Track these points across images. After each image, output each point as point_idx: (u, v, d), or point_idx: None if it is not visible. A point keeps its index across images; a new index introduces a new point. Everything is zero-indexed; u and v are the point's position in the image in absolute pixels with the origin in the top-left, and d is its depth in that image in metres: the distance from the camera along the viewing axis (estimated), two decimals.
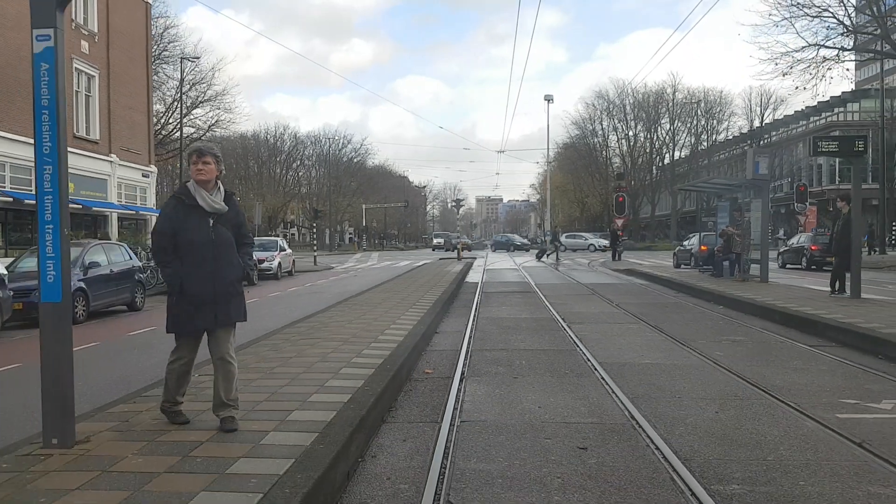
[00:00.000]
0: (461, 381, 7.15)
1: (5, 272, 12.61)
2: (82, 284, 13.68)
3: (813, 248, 25.82)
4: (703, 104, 69.56)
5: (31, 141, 15.33)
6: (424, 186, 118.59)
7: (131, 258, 16.16)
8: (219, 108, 54.13)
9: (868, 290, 15.56)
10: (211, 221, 4.74)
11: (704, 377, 7.24)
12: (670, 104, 70.81)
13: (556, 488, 4.12)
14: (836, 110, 63.33)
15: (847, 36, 30.32)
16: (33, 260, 15.00)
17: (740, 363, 7.90)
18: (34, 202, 16.76)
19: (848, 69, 33.88)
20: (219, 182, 4.86)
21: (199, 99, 51.75)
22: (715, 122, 70.85)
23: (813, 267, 25.56)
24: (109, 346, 10.47)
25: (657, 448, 4.84)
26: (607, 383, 6.89)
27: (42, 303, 4.13)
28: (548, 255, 38.20)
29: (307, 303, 15.88)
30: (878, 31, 30.26)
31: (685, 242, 29.07)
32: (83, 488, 3.54)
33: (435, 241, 77.84)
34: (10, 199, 23.59)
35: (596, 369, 7.61)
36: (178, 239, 4.69)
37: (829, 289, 14.01)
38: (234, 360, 4.81)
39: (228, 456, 4.01)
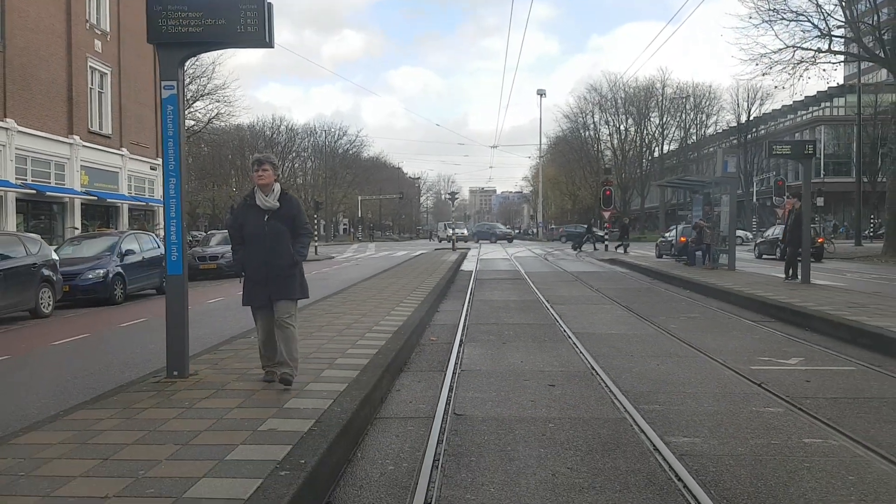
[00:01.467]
0: (460, 345, 8.85)
1: (57, 258, 14.23)
2: (120, 270, 15.35)
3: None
4: (691, 99, 71.48)
5: (51, 136, 17.84)
6: (419, 178, 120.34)
7: (159, 247, 17.78)
8: (218, 101, 55.67)
9: (826, 278, 17.39)
10: (266, 217, 5.68)
11: (655, 342, 8.99)
12: (660, 98, 72.65)
13: (529, 405, 5.87)
14: (822, 105, 64.97)
15: (822, 39, 32.08)
16: (71, 248, 16.68)
17: (688, 333, 9.64)
18: (55, 195, 18.89)
19: (824, 69, 35.65)
20: (276, 184, 5.78)
21: (200, 92, 53.25)
22: (703, 116, 72.76)
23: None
24: (157, 322, 12.08)
25: (607, 385, 6.57)
26: (577, 346, 8.63)
27: (168, 275, 5.84)
28: (582, 248, 38.57)
29: (318, 287, 17.50)
30: (852, 34, 31.94)
31: (666, 234, 30.89)
32: (209, 398, 5.26)
33: (448, 231, 59.10)
34: (34, 192, 25.14)
35: (570, 337, 9.35)
36: (243, 231, 5.77)
37: (783, 275, 15.80)
38: (290, 325, 5.72)
39: (302, 382, 5.76)
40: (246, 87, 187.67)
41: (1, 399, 6.52)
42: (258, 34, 5.55)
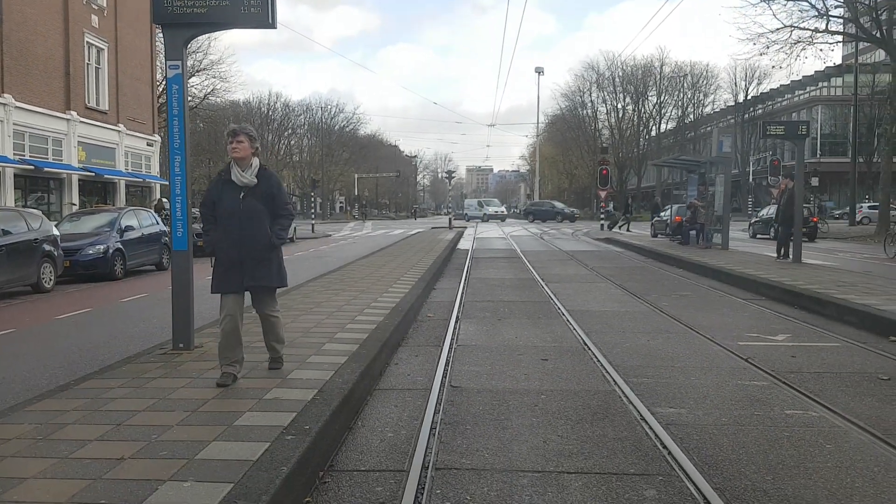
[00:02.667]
0: (456, 321, 9.06)
1: (58, 233, 14.36)
2: (120, 245, 15.50)
3: None
4: (689, 78, 71.31)
5: (48, 112, 18.15)
6: (415, 156, 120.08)
7: (157, 223, 17.92)
8: (214, 77, 55.60)
9: (818, 258, 17.61)
10: (242, 194, 5.19)
11: (647, 319, 9.21)
12: (658, 77, 72.49)
13: (523, 378, 6.10)
14: (819, 85, 64.86)
15: (820, 19, 32.08)
16: (69, 224, 16.81)
17: (680, 310, 9.86)
18: (53, 171, 19.04)
19: (822, 50, 35.63)
20: (255, 158, 5.28)
21: (196, 68, 53.07)
22: (701, 95, 72.64)
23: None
24: (158, 297, 12.27)
25: (598, 360, 6.79)
26: (570, 323, 8.84)
27: (174, 250, 6.02)
28: (620, 226, 37.66)
29: (316, 265, 17.73)
30: (849, 14, 31.94)
31: (662, 213, 31.06)
32: (215, 369, 5.44)
33: (489, 209, 55.42)
34: (32, 167, 25.18)
35: (563, 314, 9.56)
36: (217, 209, 5.26)
37: (775, 254, 16.03)
38: (275, 314, 5.49)
39: (304, 354, 5.98)
40: (241, 64, 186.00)
41: (10, 370, 6.71)
42: (261, 15, 5.68)
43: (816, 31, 31.78)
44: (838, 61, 59.79)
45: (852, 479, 3.94)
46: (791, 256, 15.36)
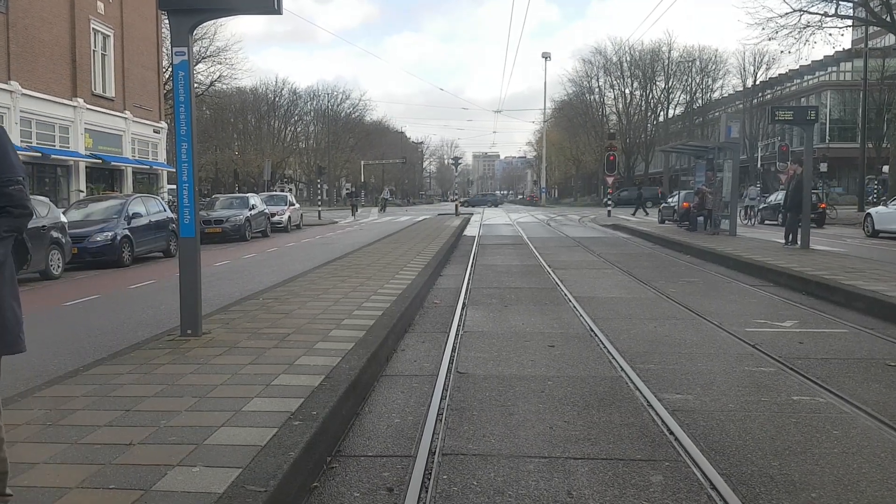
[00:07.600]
0: (463, 308, 9.07)
1: (65, 220, 14.40)
2: (127, 232, 15.55)
3: None
4: (698, 62, 70.79)
5: (55, 99, 18.28)
6: (421, 143, 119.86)
7: (165, 210, 17.95)
8: (220, 64, 55.56)
9: (826, 243, 17.54)
10: None
11: (654, 306, 9.20)
12: (666, 62, 71.99)
13: (529, 364, 6.10)
14: (828, 70, 64.31)
15: (829, 2, 31.81)
16: (77, 211, 16.86)
17: (687, 297, 9.84)
18: (60, 158, 19.19)
19: (831, 34, 35.28)
20: None
21: (202, 55, 53.03)
22: (710, 80, 72.09)
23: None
24: (166, 283, 12.32)
25: (604, 346, 6.79)
26: (577, 309, 8.84)
27: (181, 237, 6.04)
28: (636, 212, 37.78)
29: (323, 252, 17.75)
30: None
31: (669, 200, 30.94)
32: (223, 355, 5.50)
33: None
34: (39, 154, 25.24)
35: (570, 301, 9.55)
36: None
37: (783, 240, 15.96)
38: None
39: (311, 340, 6.00)
40: (247, 53, 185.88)
41: (19, 356, 6.72)
42: (267, 1, 5.65)
43: (826, 15, 31.56)
44: (847, 46, 59.11)
45: (859, 464, 3.94)
46: (799, 243, 15.28)
